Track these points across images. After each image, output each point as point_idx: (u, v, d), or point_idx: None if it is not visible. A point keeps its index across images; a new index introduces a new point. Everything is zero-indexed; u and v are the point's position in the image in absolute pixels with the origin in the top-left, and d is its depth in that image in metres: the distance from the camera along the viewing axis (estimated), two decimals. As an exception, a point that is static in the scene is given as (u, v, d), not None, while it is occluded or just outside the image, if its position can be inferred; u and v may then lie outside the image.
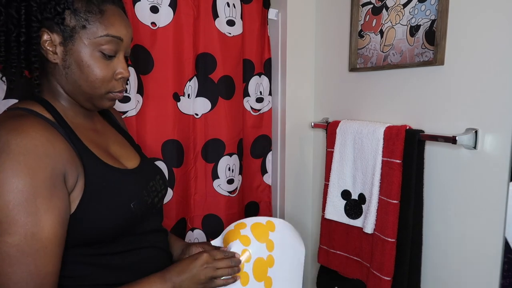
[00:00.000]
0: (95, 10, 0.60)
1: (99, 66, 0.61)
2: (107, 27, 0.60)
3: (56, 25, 0.58)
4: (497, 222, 0.77)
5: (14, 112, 0.58)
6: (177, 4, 1.05)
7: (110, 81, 0.63)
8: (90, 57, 0.60)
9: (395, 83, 0.97)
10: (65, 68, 0.61)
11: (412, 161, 0.87)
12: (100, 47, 0.60)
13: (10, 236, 0.50)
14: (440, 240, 0.88)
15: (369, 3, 1.03)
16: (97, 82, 0.62)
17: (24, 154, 0.51)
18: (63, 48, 0.59)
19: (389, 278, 0.91)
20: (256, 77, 1.24)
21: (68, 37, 0.59)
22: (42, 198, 0.52)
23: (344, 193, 1.04)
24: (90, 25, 0.59)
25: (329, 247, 1.10)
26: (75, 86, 0.62)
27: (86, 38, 0.59)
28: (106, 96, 0.64)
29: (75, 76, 0.61)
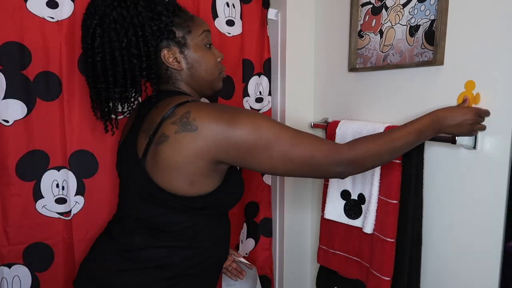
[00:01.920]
0: (187, 18, 0.77)
1: (208, 56, 0.79)
2: (200, 26, 0.78)
3: (171, 41, 0.75)
4: (497, 222, 0.77)
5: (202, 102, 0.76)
6: (176, 4, 1.04)
7: (218, 64, 0.82)
8: (202, 52, 0.78)
9: (395, 83, 0.97)
10: (189, 69, 0.78)
11: (412, 161, 0.87)
12: (203, 41, 0.78)
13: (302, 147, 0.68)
14: (439, 240, 0.88)
15: (369, 3, 1.03)
16: (213, 67, 0.80)
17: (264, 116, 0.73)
18: (183, 56, 0.77)
19: (388, 278, 0.91)
20: (255, 77, 1.24)
21: (182, 45, 0.76)
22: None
23: (344, 193, 1.04)
24: (192, 29, 0.77)
25: (328, 247, 1.10)
26: (200, 79, 0.79)
27: (193, 39, 0.77)
28: (219, 77, 0.83)
29: (198, 71, 0.78)
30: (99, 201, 0.98)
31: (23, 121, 0.89)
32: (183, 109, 0.68)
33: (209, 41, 0.80)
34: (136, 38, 0.71)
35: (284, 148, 0.66)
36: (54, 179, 0.94)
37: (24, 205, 0.91)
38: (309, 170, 0.69)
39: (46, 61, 0.89)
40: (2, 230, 0.90)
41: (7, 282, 0.92)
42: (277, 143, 0.66)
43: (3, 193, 0.89)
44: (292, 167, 0.68)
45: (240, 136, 0.65)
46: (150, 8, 0.72)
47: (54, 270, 0.95)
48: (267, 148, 0.66)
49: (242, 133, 0.65)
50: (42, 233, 0.93)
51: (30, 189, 0.91)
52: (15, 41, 0.86)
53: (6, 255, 0.91)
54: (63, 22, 0.89)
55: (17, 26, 0.86)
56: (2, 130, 0.87)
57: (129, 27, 0.70)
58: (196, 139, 0.65)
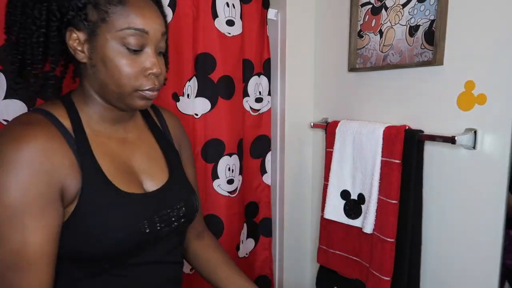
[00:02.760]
0: (115, 1, 0.56)
1: (124, 62, 0.56)
2: (127, 18, 0.56)
3: (81, 22, 0.55)
4: (497, 222, 0.77)
5: (29, 116, 0.57)
6: (176, 4, 1.05)
7: (138, 78, 0.58)
8: (114, 52, 0.56)
9: (395, 83, 0.97)
10: (92, 67, 0.58)
11: (412, 161, 0.87)
12: (123, 40, 0.56)
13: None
14: (439, 240, 0.88)
15: (369, 3, 1.03)
16: (123, 79, 0.57)
17: (18, 169, 0.50)
18: (88, 46, 0.56)
19: (388, 278, 0.91)
20: (255, 77, 1.24)
21: (91, 33, 0.56)
22: (31, 216, 0.50)
23: (344, 193, 1.05)
24: (110, 17, 0.55)
25: (328, 247, 1.10)
26: (103, 85, 0.58)
27: (108, 32, 0.55)
28: (135, 95, 0.59)
29: (102, 74, 0.57)
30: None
31: None
32: None
33: (137, 44, 0.57)
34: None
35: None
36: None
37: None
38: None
39: None
40: None
41: None
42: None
43: None
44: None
45: None
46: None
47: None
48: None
49: None
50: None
51: None
52: (16, 41, 0.86)
53: None
54: (64, 22, 0.89)
55: (18, 26, 0.86)
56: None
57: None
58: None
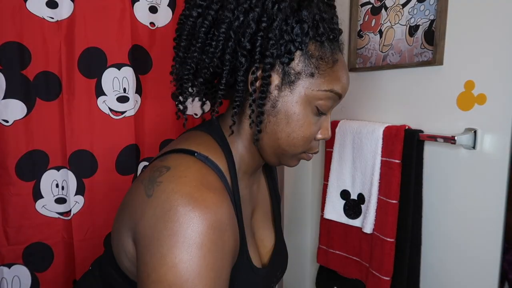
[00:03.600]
0: (328, 59, 0.51)
1: (308, 122, 0.52)
2: (333, 81, 0.51)
3: (280, 64, 0.49)
4: (496, 222, 0.77)
5: (204, 172, 0.47)
6: (176, 4, 1.04)
7: (310, 141, 0.54)
8: (304, 110, 0.51)
9: (394, 83, 0.97)
10: (269, 115, 0.51)
11: (411, 161, 0.87)
12: (317, 101, 0.51)
13: None
14: (439, 240, 0.88)
15: (368, 3, 1.03)
16: (300, 139, 0.52)
17: (213, 252, 0.41)
18: (277, 92, 0.50)
19: (388, 278, 0.91)
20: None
21: (288, 82, 0.50)
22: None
23: (343, 193, 1.05)
24: (318, 74, 0.50)
25: (328, 247, 1.10)
26: (273, 138, 0.52)
27: (307, 87, 0.50)
28: (298, 156, 0.56)
29: (279, 126, 0.51)
30: (99, 201, 0.98)
31: (23, 121, 0.89)
32: (170, 161, 0.48)
33: (327, 108, 0.53)
34: (257, 29, 0.48)
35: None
36: (54, 179, 0.94)
37: (23, 205, 0.91)
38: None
39: (46, 61, 0.89)
40: (2, 230, 0.90)
41: (7, 282, 0.92)
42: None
43: (2, 193, 0.89)
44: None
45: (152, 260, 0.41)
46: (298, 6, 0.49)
47: (54, 270, 0.95)
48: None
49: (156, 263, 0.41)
50: (41, 233, 0.93)
51: (30, 189, 0.91)
52: (15, 41, 0.86)
53: (6, 255, 0.91)
54: (63, 22, 0.89)
55: (17, 26, 0.86)
56: (2, 130, 0.87)
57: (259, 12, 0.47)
58: (142, 206, 0.45)
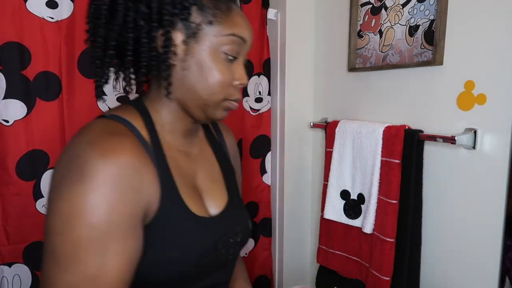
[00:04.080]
0: (222, 7, 0.55)
1: (220, 68, 0.55)
2: (233, 25, 0.55)
3: (181, 21, 0.52)
4: (496, 222, 0.77)
5: (110, 124, 0.52)
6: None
7: (228, 87, 0.57)
8: (213, 57, 0.54)
9: (394, 83, 0.97)
10: (183, 70, 0.54)
11: (411, 161, 0.87)
12: (223, 47, 0.54)
13: (70, 274, 0.43)
14: (439, 240, 0.88)
15: (368, 3, 1.03)
16: (216, 86, 0.55)
17: (109, 186, 0.45)
18: (184, 47, 0.53)
19: (388, 278, 0.91)
20: (255, 77, 1.24)
21: (191, 35, 0.53)
22: (115, 238, 0.45)
23: (343, 193, 1.04)
24: (217, 21, 0.54)
25: (328, 247, 1.10)
26: (191, 91, 0.55)
27: (211, 35, 0.54)
28: (221, 105, 0.58)
29: (193, 79, 0.54)
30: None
31: (23, 121, 0.89)
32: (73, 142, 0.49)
33: (235, 52, 0.56)
34: None
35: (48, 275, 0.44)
36: None
37: (24, 204, 0.91)
38: None
39: (46, 61, 0.90)
40: (2, 229, 0.90)
41: (7, 281, 0.92)
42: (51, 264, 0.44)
43: (3, 192, 0.90)
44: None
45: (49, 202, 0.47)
46: None
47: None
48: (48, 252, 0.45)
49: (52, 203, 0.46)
50: (42, 232, 0.93)
51: (30, 189, 0.92)
52: (15, 41, 0.86)
53: (6, 254, 0.91)
54: (63, 22, 0.90)
55: (17, 26, 0.86)
56: (2, 130, 0.88)
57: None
58: None
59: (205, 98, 0.56)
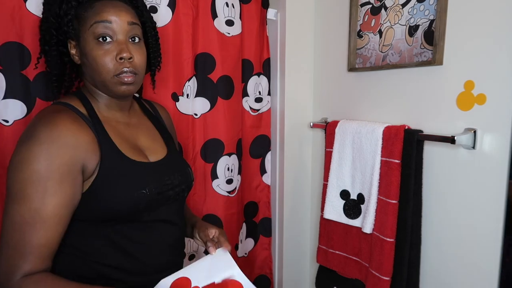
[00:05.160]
0: (87, 8, 0.68)
1: (99, 53, 0.67)
2: (93, 16, 0.67)
3: (70, 32, 0.69)
4: (496, 222, 0.77)
5: (55, 107, 0.69)
6: (175, 4, 1.05)
7: (113, 65, 0.68)
8: (90, 46, 0.67)
9: (394, 83, 0.97)
10: (84, 66, 0.71)
11: (411, 161, 0.87)
12: (94, 34, 0.67)
13: (19, 205, 0.60)
14: (439, 240, 0.88)
15: (368, 3, 1.03)
16: (100, 67, 0.67)
17: (48, 143, 0.61)
18: (78, 49, 0.70)
19: (388, 278, 0.91)
20: (255, 77, 1.24)
21: (78, 38, 0.69)
22: (53, 182, 0.60)
23: (343, 193, 1.05)
24: (84, 19, 0.68)
25: (328, 247, 1.10)
26: (92, 77, 0.70)
27: (84, 31, 0.68)
28: (114, 81, 0.69)
29: (88, 68, 0.69)
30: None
31: (23, 121, 0.89)
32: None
33: (102, 33, 0.67)
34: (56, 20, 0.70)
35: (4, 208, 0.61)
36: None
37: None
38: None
39: None
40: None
41: None
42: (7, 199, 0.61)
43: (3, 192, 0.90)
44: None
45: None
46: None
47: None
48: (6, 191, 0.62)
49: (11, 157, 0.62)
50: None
51: None
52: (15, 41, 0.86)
53: None
54: (63, 22, 0.89)
55: (17, 26, 0.86)
56: (2, 130, 0.88)
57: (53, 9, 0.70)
58: None
59: (100, 79, 0.69)
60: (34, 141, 0.61)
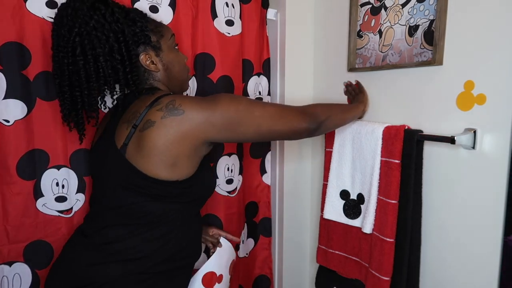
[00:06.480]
0: (156, 23, 0.83)
1: (179, 58, 0.87)
2: (168, 30, 0.85)
3: (147, 45, 0.80)
4: (496, 222, 0.77)
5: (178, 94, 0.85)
6: (176, 4, 1.05)
7: (186, 66, 0.89)
8: (174, 54, 0.85)
9: (394, 83, 0.97)
10: (165, 71, 0.83)
11: (411, 161, 0.87)
12: (172, 44, 0.85)
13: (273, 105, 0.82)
14: (439, 240, 0.88)
15: (368, 3, 1.03)
16: (183, 68, 0.87)
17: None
18: (159, 58, 0.82)
19: (387, 278, 0.91)
20: (255, 77, 1.24)
21: (158, 49, 0.81)
22: None
23: (343, 193, 1.04)
24: (162, 33, 0.83)
25: (327, 247, 1.10)
26: (174, 79, 0.85)
27: (165, 42, 0.83)
28: (187, 78, 0.91)
29: (173, 71, 0.84)
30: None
31: (23, 120, 0.90)
32: (168, 99, 0.73)
33: (176, 43, 0.87)
34: (118, 43, 0.75)
35: (260, 106, 0.76)
36: (54, 178, 0.94)
37: (24, 203, 0.92)
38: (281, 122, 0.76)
39: (46, 61, 0.90)
40: (3, 228, 0.90)
41: (8, 280, 0.92)
42: (253, 106, 0.75)
43: (4, 192, 0.90)
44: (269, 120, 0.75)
45: (221, 115, 0.72)
46: (125, 14, 0.77)
47: (54, 268, 0.96)
48: (248, 113, 0.73)
49: (223, 112, 0.72)
50: (42, 231, 0.94)
51: (31, 188, 0.92)
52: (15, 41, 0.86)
53: (7, 253, 0.91)
54: (63, 22, 0.90)
55: (17, 26, 0.86)
56: (3, 130, 0.88)
57: (109, 33, 0.74)
58: (183, 122, 0.70)
59: (183, 78, 0.88)
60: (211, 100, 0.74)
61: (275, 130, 0.76)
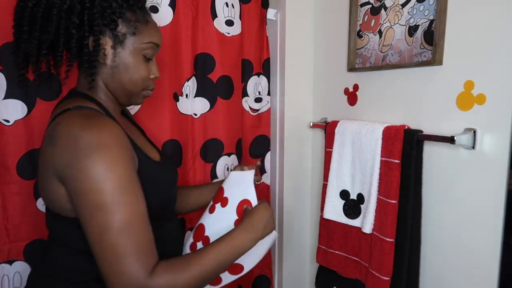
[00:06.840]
0: (141, 20, 0.70)
1: (141, 67, 0.72)
2: (150, 35, 0.71)
3: (109, 31, 0.67)
4: (496, 222, 0.77)
5: (85, 112, 0.66)
6: (175, 4, 1.05)
7: (147, 80, 0.74)
8: (136, 59, 0.71)
9: (394, 83, 0.97)
10: (112, 68, 0.70)
11: (411, 161, 0.87)
12: (143, 51, 0.71)
13: (122, 213, 0.58)
14: (438, 240, 0.88)
15: (368, 3, 1.03)
16: (139, 80, 0.72)
17: (118, 146, 0.61)
18: (113, 51, 0.68)
19: (387, 278, 0.91)
20: (254, 77, 1.24)
21: (118, 42, 0.68)
22: (135, 181, 0.62)
23: (343, 193, 1.04)
24: (139, 32, 0.70)
25: (327, 247, 1.10)
26: (119, 84, 0.71)
27: (134, 43, 0.70)
28: (141, 94, 0.75)
29: (121, 75, 0.70)
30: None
31: (23, 120, 0.90)
32: (60, 119, 0.63)
33: (151, 55, 0.73)
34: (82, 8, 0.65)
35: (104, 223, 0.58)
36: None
37: (24, 203, 0.92)
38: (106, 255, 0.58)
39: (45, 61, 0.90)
40: (3, 227, 0.91)
41: (8, 279, 0.92)
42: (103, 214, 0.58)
43: (4, 191, 0.90)
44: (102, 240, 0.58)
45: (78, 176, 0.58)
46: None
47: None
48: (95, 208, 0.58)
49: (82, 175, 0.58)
50: (42, 230, 0.94)
51: (31, 188, 0.92)
52: (15, 41, 0.86)
53: (7, 252, 0.92)
54: (63, 22, 0.90)
55: (17, 26, 0.86)
56: (3, 129, 0.88)
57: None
58: (52, 156, 0.61)
59: (130, 89, 0.72)
60: (101, 149, 0.58)
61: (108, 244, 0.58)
